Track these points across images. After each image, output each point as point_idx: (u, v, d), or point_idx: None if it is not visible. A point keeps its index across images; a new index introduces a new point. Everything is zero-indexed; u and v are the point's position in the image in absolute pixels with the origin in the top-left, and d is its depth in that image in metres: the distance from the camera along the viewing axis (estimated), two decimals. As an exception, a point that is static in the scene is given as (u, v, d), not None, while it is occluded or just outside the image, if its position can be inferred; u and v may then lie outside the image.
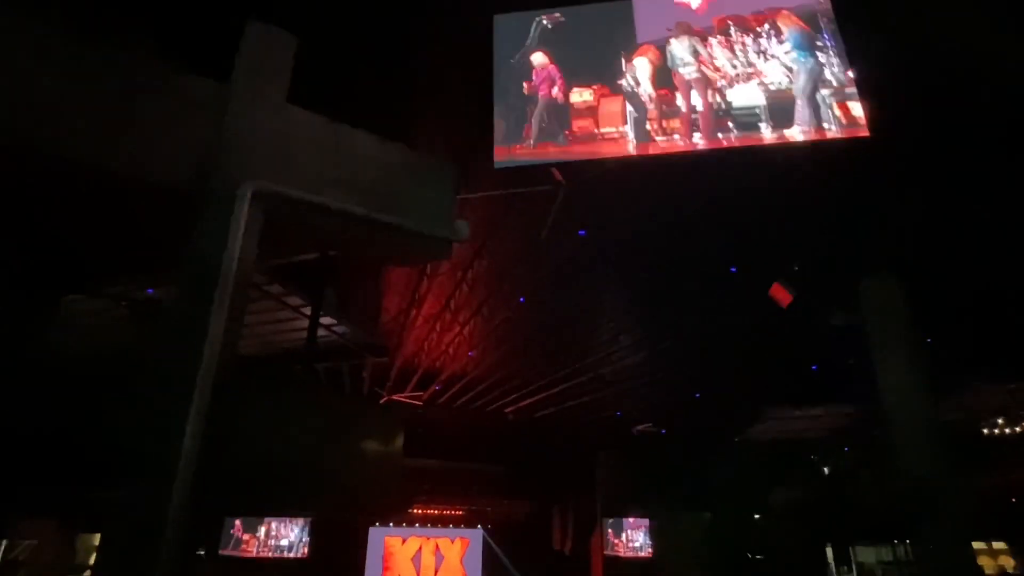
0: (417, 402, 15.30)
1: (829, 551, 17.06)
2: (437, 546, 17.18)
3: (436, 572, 16.62)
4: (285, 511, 13.66)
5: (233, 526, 14.94)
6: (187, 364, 3.82)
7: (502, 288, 11.11)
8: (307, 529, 14.78)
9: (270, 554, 14.74)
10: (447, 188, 4.94)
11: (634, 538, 17.13)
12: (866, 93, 5.80)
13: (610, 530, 17.15)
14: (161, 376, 3.92)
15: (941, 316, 10.12)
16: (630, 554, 17.08)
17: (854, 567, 16.65)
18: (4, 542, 10.65)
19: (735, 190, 8.04)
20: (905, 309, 9.07)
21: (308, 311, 10.77)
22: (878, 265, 9.39)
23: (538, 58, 7.36)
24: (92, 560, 12.42)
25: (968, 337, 10.98)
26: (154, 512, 3.56)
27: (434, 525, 17.51)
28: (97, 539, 12.62)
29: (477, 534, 17.75)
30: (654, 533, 16.85)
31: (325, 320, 10.81)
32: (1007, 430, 15.14)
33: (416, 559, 16.70)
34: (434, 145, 7.71)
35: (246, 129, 4.27)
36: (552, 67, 7.27)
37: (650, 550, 16.89)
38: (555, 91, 7.14)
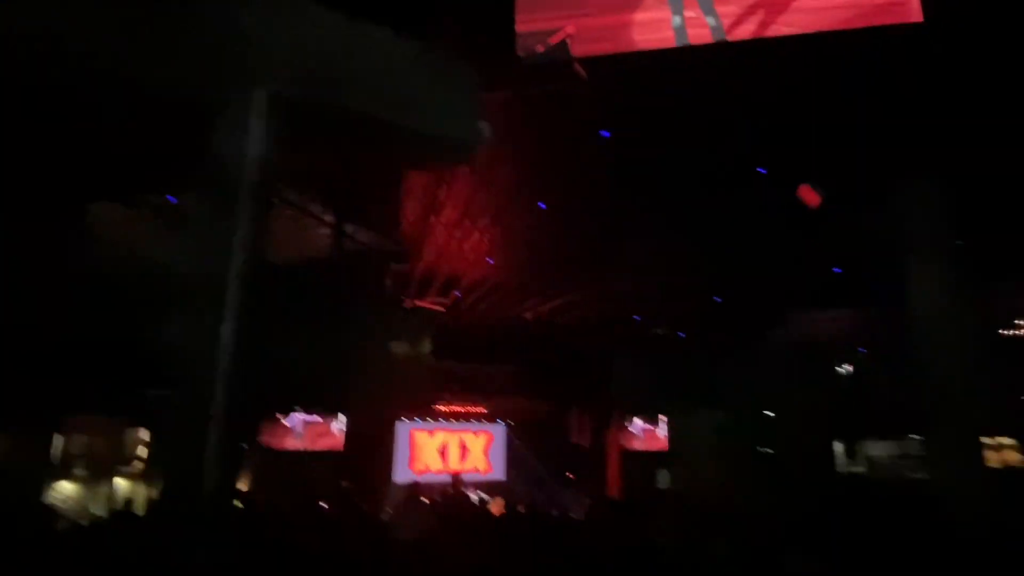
0: (440, 308, 15.58)
1: (838, 446, 17.68)
2: (462, 439, 18.14)
3: (461, 462, 17.65)
4: (326, 409, 14.62)
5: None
6: (217, 271, 3.88)
7: (521, 193, 10.92)
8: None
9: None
10: (468, 88, 4.72)
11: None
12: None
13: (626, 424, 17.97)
14: (193, 284, 4.00)
15: (978, 217, 9.78)
16: (645, 447, 17.98)
17: (863, 460, 17.32)
18: (62, 438, 11.43)
19: (769, 84, 7.61)
20: (941, 210, 8.78)
21: (327, 218, 10.82)
22: (914, 165, 9.00)
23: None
24: (139, 452, 13.37)
25: (1004, 239, 10.69)
26: (199, 411, 3.77)
27: (458, 421, 18.38)
28: (143, 433, 13.49)
29: (500, 429, 18.66)
30: (669, 429, 17.58)
31: (346, 227, 10.86)
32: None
33: (442, 451, 17.70)
34: (448, 39, 7.31)
35: (260, 30, 4.06)
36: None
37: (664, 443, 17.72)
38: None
